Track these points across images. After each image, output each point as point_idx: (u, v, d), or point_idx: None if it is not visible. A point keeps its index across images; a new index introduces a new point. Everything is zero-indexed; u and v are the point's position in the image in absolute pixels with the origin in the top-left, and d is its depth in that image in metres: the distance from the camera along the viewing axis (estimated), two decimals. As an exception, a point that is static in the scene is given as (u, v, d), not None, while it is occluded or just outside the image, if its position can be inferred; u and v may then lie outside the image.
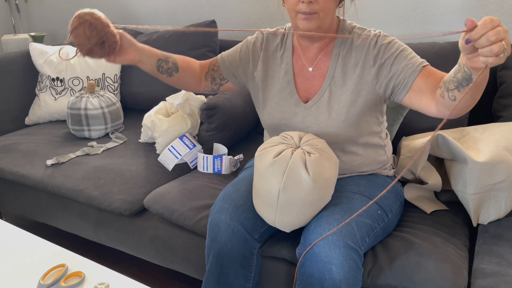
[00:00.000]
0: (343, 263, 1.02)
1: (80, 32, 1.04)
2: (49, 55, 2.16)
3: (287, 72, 1.26)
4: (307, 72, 1.24)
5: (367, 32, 1.20)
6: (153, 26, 2.53)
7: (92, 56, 1.08)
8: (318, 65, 1.23)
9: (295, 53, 1.27)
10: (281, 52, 1.28)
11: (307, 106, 1.22)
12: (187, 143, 1.66)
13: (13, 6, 2.90)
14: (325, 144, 1.14)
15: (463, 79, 0.94)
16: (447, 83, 1.00)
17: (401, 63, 1.14)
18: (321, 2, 1.09)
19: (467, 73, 0.91)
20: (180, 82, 1.32)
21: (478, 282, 1.06)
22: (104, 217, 1.63)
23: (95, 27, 1.04)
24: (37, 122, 2.18)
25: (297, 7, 1.11)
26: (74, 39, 1.06)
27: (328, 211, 1.11)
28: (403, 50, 1.15)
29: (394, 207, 1.24)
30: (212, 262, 1.18)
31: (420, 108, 1.13)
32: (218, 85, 1.37)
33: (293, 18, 1.14)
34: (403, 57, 1.14)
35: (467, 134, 1.39)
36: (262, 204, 1.13)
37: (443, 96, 1.03)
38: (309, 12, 1.10)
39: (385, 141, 1.32)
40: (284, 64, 1.27)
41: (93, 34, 1.04)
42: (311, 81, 1.24)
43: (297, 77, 1.25)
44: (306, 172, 1.06)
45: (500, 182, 1.23)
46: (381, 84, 1.17)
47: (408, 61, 1.13)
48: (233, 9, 2.23)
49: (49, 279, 1.04)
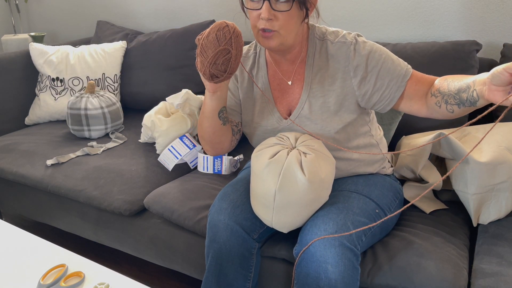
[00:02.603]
0: (339, 262, 1.02)
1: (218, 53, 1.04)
2: (49, 55, 2.16)
3: (265, 90, 1.23)
4: (286, 86, 1.21)
5: (341, 37, 1.15)
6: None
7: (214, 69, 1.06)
8: (295, 77, 1.20)
9: (270, 69, 1.23)
10: (256, 71, 1.26)
11: (288, 122, 1.20)
12: (187, 143, 1.66)
13: (13, 6, 2.90)
14: (321, 144, 1.14)
15: (467, 101, 0.94)
16: (447, 96, 1.00)
17: (385, 78, 1.11)
18: (282, 20, 1.05)
19: (474, 98, 0.91)
20: (225, 134, 1.26)
21: (478, 282, 1.06)
22: (104, 217, 1.63)
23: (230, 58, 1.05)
24: (37, 122, 2.18)
25: (258, 23, 1.07)
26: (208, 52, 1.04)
27: (324, 211, 1.11)
28: (385, 60, 1.11)
29: (392, 205, 1.24)
30: (212, 262, 1.18)
31: (410, 111, 1.14)
32: (237, 134, 1.32)
33: (255, 34, 1.11)
34: (386, 70, 1.11)
35: (468, 134, 1.39)
36: (259, 205, 1.13)
37: (439, 106, 1.03)
38: (270, 29, 1.06)
39: (378, 138, 1.30)
40: (260, 83, 1.24)
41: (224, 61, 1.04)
42: (291, 95, 1.21)
43: (276, 93, 1.23)
44: (302, 172, 1.06)
45: (502, 182, 1.23)
46: (364, 97, 1.15)
47: (392, 73, 1.11)
48: (233, 9, 2.23)
49: (49, 279, 1.04)
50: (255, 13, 1.07)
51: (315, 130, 1.18)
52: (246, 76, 1.27)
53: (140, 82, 2.17)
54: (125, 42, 2.24)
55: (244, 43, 1.04)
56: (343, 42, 1.14)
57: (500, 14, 1.66)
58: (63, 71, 2.14)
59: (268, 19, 1.05)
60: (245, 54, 1.28)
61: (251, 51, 1.28)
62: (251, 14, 1.08)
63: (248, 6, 1.09)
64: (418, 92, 1.10)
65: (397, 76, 1.11)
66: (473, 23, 1.72)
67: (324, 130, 1.17)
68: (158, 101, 1.95)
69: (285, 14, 1.05)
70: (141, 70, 2.16)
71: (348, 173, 1.27)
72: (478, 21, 1.70)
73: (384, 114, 1.54)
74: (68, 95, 2.13)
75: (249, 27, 2.19)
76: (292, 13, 1.06)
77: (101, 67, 2.16)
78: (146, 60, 2.15)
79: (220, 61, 1.04)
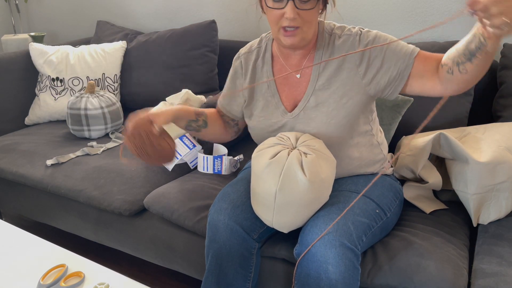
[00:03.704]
0: (339, 262, 1.02)
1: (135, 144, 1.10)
2: (49, 55, 2.16)
3: (270, 85, 1.24)
4: (293, 79, 1.22)
5: (347, 31, 1.17)
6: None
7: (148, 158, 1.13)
8: (304, 70, 1.21)
9: (276, 63, 1.24)
10: (260, 66, 1.26)
11: (294, 114, 1.20)
12: (187, 143, 1.66)
13: (13, 6, 2.90)
14: (322, 144, 1.14)
15: (477, 48, 0.92)
16: (457, 57, 0.98)
17: (392, 58, 1.11)
18: (305, 17, 1.07)
19: (482, 43, 0.90)
20: (208, 135, 1.33)
21: (478, 282, 1.06)
22: (104, 217, 1.63)
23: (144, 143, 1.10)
24: (37, 122, 2.18)
25: (280, 21, 1.08)
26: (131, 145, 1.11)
27: (325, 211, 1.11)
28: (391, 43, 1.12)
29: (392, 205, 1.24)
30: (211, 262, 1.18)
31: (423, 91, 1.11)
32: (235, 126, 1.38)
33: (275, 32, 1.12)
34: (392, 51, 1.12)
35: (468, 134, 1.39)
36: (260, 205, 1.13)
37: (451, 72, 1.01)
38: (294, 26, 1.07)
39: (380, 139, 1.30)
40: (265, 77, 1.25)
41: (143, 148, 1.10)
42: (298, 88, 1.22)
43: (282, 87, 1.23)
44: (303, 172, 1.06)
45: (502, 182, 1.23)
46: (373, 82, 1.14)
47: (399, 53, 1.11)
48: (233, 9, 2.23)
49: (49, 279, 1.05)
50: (278, 12, 1.07)
51: (319, 123, 1.17)
52: (249, 73, 1.27)
53: (140, 82, 2.17)
54: (125, 42, 2.24)
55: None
56: (349, 34, 1.16)
57: (500, 14, 1.66)
58: (63, 71, 2.14)
59: (293, 18, 1.06)
60: (248, 50, 1.29)
61: (255, 46, 1.29)
62: (272, 12, 1.08)
63: (270, 5, 1.09)
64: (428, 69, 1.08)
65: (404, 55, 1.11)
66: (473, 23, 1.71)
67: (328, 123, 1.16)
68: (158, 101, 1.95)
69: (308, 11, 1.07)
70: (141, 70, 2.16)
71: (349, 173, 1.27)
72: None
73: (384, 114, 1.54)
74: (68, 95, 2.13)
75: (248, 26, 2.19)
76: (315, 9, 1.09)
77: (101, 67, 2.16)
78: (146, 60, 2.15)
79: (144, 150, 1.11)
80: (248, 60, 1.28)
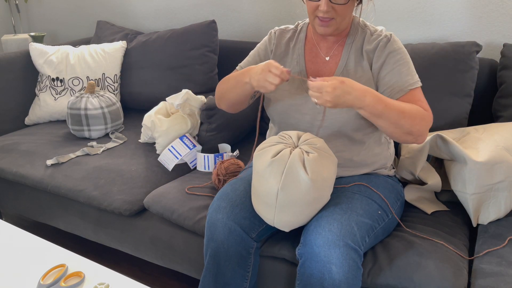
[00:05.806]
0: (343, 262, 1.02)
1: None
2: (49, 55, 2.16)
3: (299, 62, 1.29)
4: (322, 60, 1.28)
5: (380, 31, 1.25)
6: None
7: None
8: (333, 53, 1.27)
9: (308, 43, 1.30)
10: (293, 44, 1.32)
11: None
12: (187, 143, 1.66)
13: (13, 6, 2.90)
14: (323, 143, 1.14)
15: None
16: None
17: (394, 77, 1.19)
18: (339, 10, 1.15)
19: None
20: (245, 101, 1.32)
21: (478, 282, 1.06)
22: (104, 217, 1.63)
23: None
24: (37, 122, 2.18)
25: (316, 11, 1.16)
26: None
27: (328, 211, 1.11)
28: (402, 64, 1.20)
29: (394, 207, 1.24)
30: (209, 260, 1.19)
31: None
32: (255, 95, 1.37)
33: (311, 20, 1.20)
34: (398, 72, 1.19)
35: (467, 134, 1.39)
36: (261, 204, 1.13)
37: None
38: (327, 17, 1.15)
39: (388, 138, 1.34)
40: (296, 55, 1.30)
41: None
42: (324, 69, 1.27)
43: (310, 65, 1.28)
44: (305, 171, 1.06)
45: (500, 182, 1.23)
46: (377, 83, 1.23)
47: (400, 78, 1.19)
48: (233, 9, 2.23)
49: (49, 279, 1.05)
50: (314, 4, 1.16)
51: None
52: (280, 47, 1.33)
53: (140, 82, 2.17)
54: (125, 42, 2.24)
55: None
56: (379, 34, 1.24)
57: (500, 14, 1.66)
58: (63, 71, 2.14)
59: (327, 11, 1.14)
60: (284, 29, 1.36)
61: (290, 27, 1.36)
62: (309, 4, 1.17)
63: None
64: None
65: (404, 81, 1.19)
66: (473, 23, 1.72)
67: (349, 109, 1.19)
68: (158, 101, 1.95)
69: (342, 5, 1.15)
70: (141, 70, 2.16)
71: (351, 173, 1.27)
72: (478, 21, 1.70)
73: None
74: (68, 95, 2.13)
75: (248, 26, 2.20)
76: (348, 4, 1.16)
77: (101, 67, 2.16)
78: (146, 60, 2.15)
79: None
80: (281, 36, 1.34)
